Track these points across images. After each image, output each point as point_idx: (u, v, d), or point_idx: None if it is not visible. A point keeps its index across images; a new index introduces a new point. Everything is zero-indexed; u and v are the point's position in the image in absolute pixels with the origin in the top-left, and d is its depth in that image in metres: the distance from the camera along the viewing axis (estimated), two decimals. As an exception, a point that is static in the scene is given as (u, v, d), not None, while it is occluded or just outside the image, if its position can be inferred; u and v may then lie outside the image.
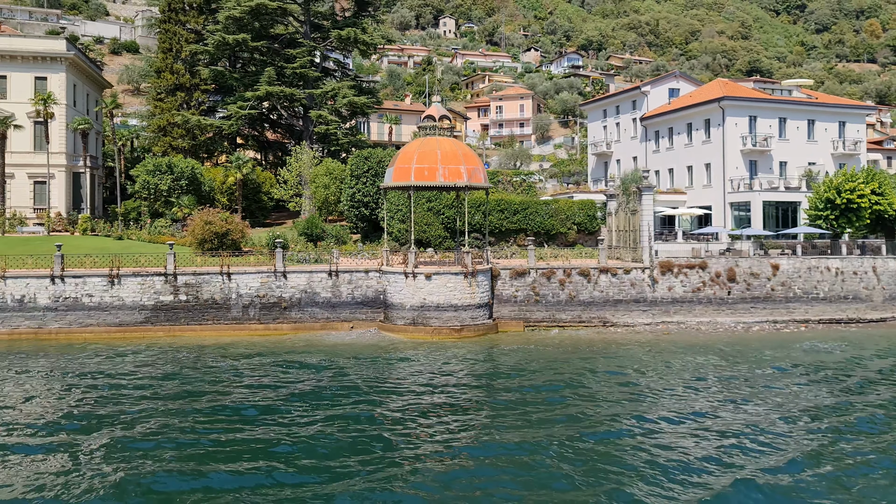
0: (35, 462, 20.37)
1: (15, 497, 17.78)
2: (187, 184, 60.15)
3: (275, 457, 20.56)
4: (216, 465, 19.90)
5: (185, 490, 18.28)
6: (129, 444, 21.58)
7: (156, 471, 19.46)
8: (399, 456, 20.74)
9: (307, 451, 20.98)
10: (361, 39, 67.41)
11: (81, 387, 28.96)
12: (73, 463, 20.15)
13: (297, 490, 18.31)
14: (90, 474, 19.16)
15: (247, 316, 42.87)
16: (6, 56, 62.88)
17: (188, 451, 21.11)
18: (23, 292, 41.76)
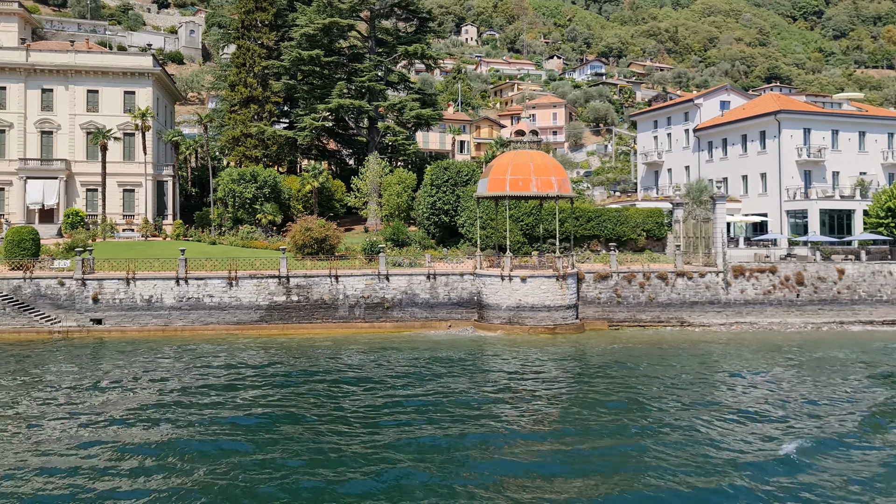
0: (172, 442, 23.29)
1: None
2: (269, 192, 63.90)
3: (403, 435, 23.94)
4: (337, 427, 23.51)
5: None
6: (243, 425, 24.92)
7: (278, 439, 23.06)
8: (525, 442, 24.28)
9: (436, 448, 22.86)
10: (428, 54, 71.15)
11: (209, 377, 32.41)
12: (201, 444, 23.04)
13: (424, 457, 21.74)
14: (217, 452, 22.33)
15: (353, 315, 46.54)
16: (98, 72, 66.84)
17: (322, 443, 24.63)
18: (151, 293, 45.56)
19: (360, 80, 71.12)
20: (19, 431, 24.38)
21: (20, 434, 24.07)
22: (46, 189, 64.37)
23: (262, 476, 19.94)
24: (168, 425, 24.77)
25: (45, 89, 66.19)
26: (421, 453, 21.94)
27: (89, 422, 25.32)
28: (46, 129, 66.27)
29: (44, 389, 30.31)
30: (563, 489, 19.14)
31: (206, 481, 19.63)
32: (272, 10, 75.03)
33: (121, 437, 23.45)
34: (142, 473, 20.30)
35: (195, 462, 21.15)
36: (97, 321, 45.14)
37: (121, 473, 20.25)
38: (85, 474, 20.18)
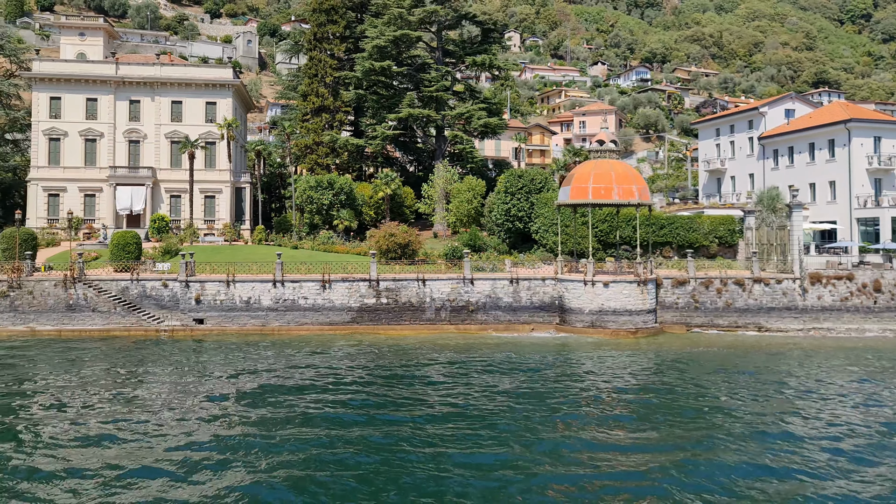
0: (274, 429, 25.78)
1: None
2: (345, 199, 66.37)
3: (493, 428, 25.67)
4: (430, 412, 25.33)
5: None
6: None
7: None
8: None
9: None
10: (496, 65, 73.14)
11: (306, 374, 34.52)
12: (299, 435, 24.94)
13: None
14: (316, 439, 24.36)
15: (439, 317, 48.55)
16: (182, 84, 70.14)
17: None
18: (249, 294, 48.16)
19: (429, 90, 73.31)
20: (139, 417, 26.85)
21: (138, 420, 26.52)
22: (134, 195, 67.72)
23: (366, 469, 21.40)
24: (266, 418, 26.67)
25: (132, 100, 69.67)
26: (522, 453, 22.99)
27: (199, 410, 27.77)
28: (134, 138, 69.73)
29: (161, 381, 32.89)
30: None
31: (303, 468, 21.52)
32: (342, 23, 77.70)
33: (224, 430, 25.52)
34: (246, 459, 22.32)
35: (290, 453, 22.81)
36: (199, 321, 47.87)
37: (225, 463, 22.09)
38: (198, 453, 22.70)
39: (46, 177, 67.90)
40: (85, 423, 26.21)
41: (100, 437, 24.35)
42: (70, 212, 57.52)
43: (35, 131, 68.16)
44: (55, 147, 68.38)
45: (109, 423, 26.12)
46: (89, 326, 47.11)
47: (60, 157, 68.38)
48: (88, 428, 25.53)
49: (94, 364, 37.11)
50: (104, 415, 27.25)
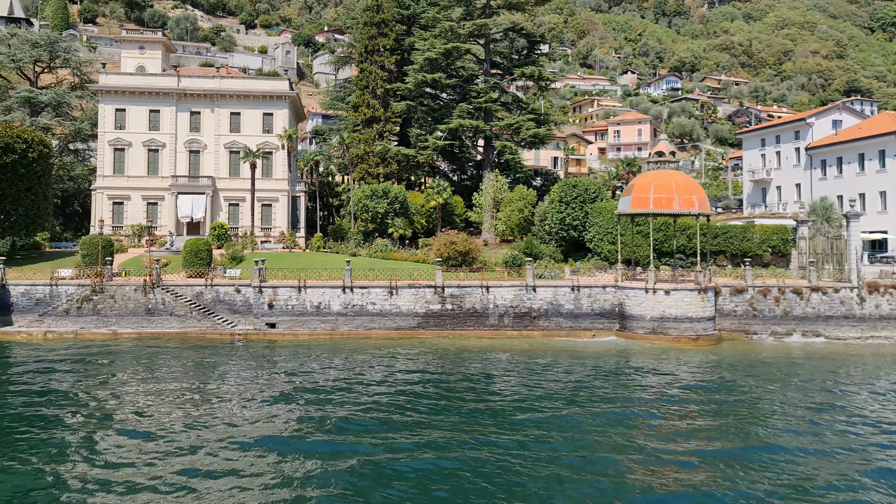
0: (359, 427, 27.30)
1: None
2: (399, 207, 68.11)
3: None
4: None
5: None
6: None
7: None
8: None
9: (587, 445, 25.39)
10: (545, 76, 74.69)
11: (379, 376, 36.20)
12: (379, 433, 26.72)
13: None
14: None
15: (502, 323, 50.00)
16: (241, 96, 72.45)
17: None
18: (319, 300, 49.95)
19: (477, 101, 74.98)
20: (216, 416, 28.66)
21: (215, 417, 28.29)
22: (195, 204, 69.99)
23: (432, 466, 22.63)
24: (335, 416, 28.20)
25: (193, 112, 72.07)
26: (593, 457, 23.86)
27: (277, 410, 29.46)
28: (194, 148, 72.10)
29: (240, 382, 34.66)
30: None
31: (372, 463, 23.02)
32: (392, 36, 79.64)
33: (293, 425, 27.28)
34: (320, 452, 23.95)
35: (357, 449, 24.39)
36: (271, 325, 49.73)
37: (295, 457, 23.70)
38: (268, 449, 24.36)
39: (111, 185, 70.41)
40: (163, 420, 28.06)
41: (177, 434, 25.95)
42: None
43: (101, 142, 70.76)
44: (120, 157, 70.95)
45: (187, 420, 27.81)
46: (167, 329, 49.16)
47: (125, 166, 70.92)
48: (166, 425, 27.24)
49: (174, 366, 39.06)
50: (183, 413, 29.01)
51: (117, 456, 23.68)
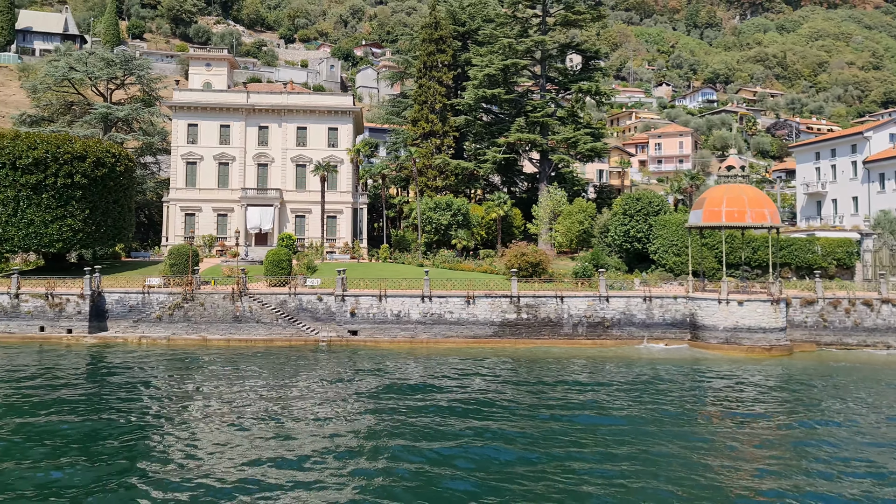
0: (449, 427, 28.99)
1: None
2: (462, 219, 69.97)
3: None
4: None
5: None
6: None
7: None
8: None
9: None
10: (602, 91, 76.34)
11: (459, 381, 37.81)
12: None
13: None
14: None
15: (576, 332, 51.46)
16: (307, 111, 74.98)
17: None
18: (399, 308, 51.84)
19: (535, 115, 76.78)
20: (306, 417, 30.51)
21: (305, 420, 30.07)
22: (263, 215, 72.47)
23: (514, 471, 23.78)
24: (416, 419, 29.72)
25: (261, 127, 74.76)
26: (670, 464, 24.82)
27: (362, 412, 31.16)
28: (262, 161, 74.71)
29: (328, 386, 36.48)
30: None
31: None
32: (450, 52, 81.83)
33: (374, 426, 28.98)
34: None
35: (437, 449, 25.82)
36: (353, 332, 51.69)
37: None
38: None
39: (184, 197, 73.17)
40: (253, 416, 30.06)
41: (268, 435, 27.65)
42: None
43: (174, 155, 73.63)
44: (191, 170, 73.73)
45: (279, 419, 29.70)
46: (254, 336, 51.33)
47: (196, 179, 73.68)
48: (256, 421, 29.24)
49: (266, 369, 41.01)
50: (273, 411, 30.95)
51: (210, 450, 25.60)
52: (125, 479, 22.67)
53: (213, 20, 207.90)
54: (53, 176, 55.33)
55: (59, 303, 51.87)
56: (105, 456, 25.02)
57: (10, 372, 39.26)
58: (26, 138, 55.98)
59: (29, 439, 26.60)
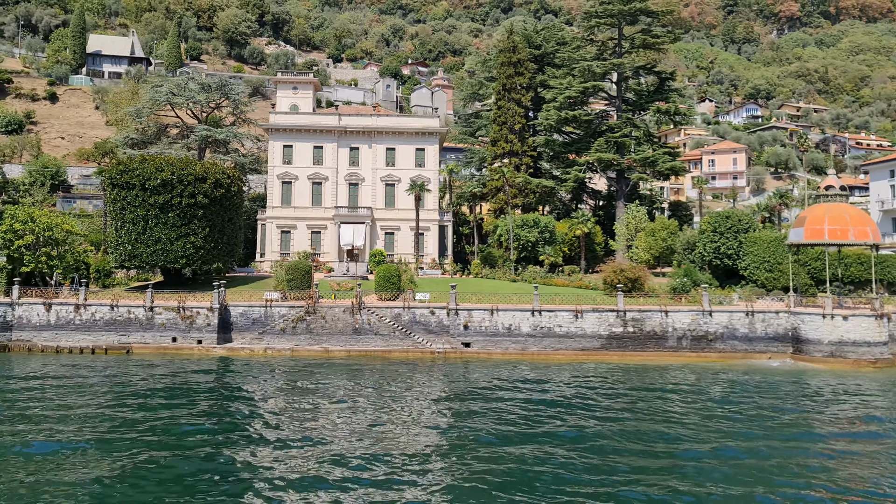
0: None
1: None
2: (549, 236, 72.56)
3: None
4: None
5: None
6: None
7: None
8: None
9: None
10: (680, 111, 78.75)
11: (573, 391, 40.13)
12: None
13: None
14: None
15: (680, 346, 53.65)
16: (395, 132, 78.32)
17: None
18: (510, 322, 54.46)
19: (613, 135, 79.36)
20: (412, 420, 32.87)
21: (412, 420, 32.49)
22: (356, 232, 75.68)
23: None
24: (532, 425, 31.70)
25: (352, 147, 78.22)
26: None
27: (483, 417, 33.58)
28: (353, 181, 78.10)
29: (450, 391, 38.99)
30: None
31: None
32: (527, 75, 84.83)
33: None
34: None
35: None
36: (466, 344, 54.37)
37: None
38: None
39: (280, 215, 76.73)
40: (380, 419, 32.62)
41: (395, 432, 30.06)
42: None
43: (270, 175, 77.31)
44: (287, 189, 77.33)
45: (403, 424, 31.86)
46: (373, 348, 54.24)
47: (291, 197, 77.22)
48: (384, 425, 31.72)
49: (392, 378, 43.68)
50: (397, 417, 33.34)
51: (335, 450, 27.79)
52: (278, 462, 25.49)
53: (265, 41, 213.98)
54: (178, 196, 58.96)
55: (190, 315, 55.29)
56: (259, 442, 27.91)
57: (189, 378, 42.52)
58: (153, 161, 59.76)
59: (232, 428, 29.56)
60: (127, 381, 41.42)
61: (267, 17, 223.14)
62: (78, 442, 28.08)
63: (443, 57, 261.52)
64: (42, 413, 32.95)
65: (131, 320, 55.27)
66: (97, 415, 32.80)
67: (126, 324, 55.19)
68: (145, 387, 39.84)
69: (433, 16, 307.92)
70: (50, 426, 30.53)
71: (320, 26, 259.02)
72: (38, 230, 57.87)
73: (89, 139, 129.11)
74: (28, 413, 32.94)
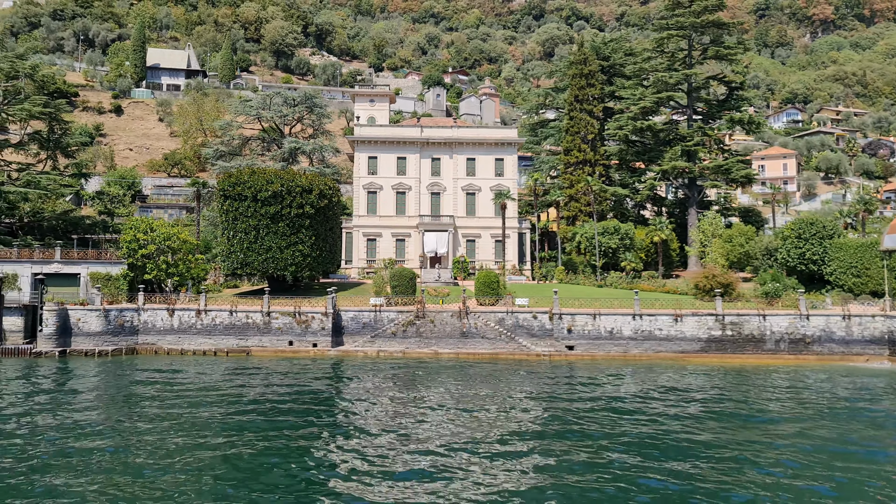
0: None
1: None
2: (629, 242, 74.84)
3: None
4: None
5: None
6: None
7: None
8: None
9: None
10: (754, 120, 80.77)
11: (672, 392, 42.32)
12: None
13: None
14: None
15: (778, 348, 55.69)
16: (475, 143, 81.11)
17: None
18: (612, 326, 56.87)
19: (687, 144, 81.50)
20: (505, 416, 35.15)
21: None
22: (439, 240, 78.50)
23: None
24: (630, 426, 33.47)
25: (434, 158, 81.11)
26: None
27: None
28: (435, 190, 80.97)
29: (560, 391, 41.32)
30: None
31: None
32: (598, 86, 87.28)
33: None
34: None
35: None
36: (570, 347, 56.84)
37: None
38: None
39: (366, 224, 79.79)
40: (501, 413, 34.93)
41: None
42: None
43: (356, 185, 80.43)
44: (372, 199, 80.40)
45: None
46: (480, 351, 56.87)
47: (377, 206, 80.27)
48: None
49: (510, 379, 46.04)
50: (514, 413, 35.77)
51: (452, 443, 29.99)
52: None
53: (309, 52, 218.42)
54: (288, 207, 62.13)
55: (306, 320, 58.35)
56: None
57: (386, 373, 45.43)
58: (263, 174, 63.00)
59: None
60: (271, 381, 44.39)
61: (310, 28, 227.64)
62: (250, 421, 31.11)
63: (479, 65, 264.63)
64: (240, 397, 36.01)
65: (249, 325, 58.47)
66: (264, 399, 35.82)
67: (244, 328, 58.40)
68: (292, 382, 42.89)
69: (465, 24, 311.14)
70: (239, 406, 33.56)
71: (356, 36, 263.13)
72: (158, 240, 61.29)
73: (156, 150, 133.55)
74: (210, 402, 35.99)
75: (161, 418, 33.78)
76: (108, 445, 28.91)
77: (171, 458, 27.20)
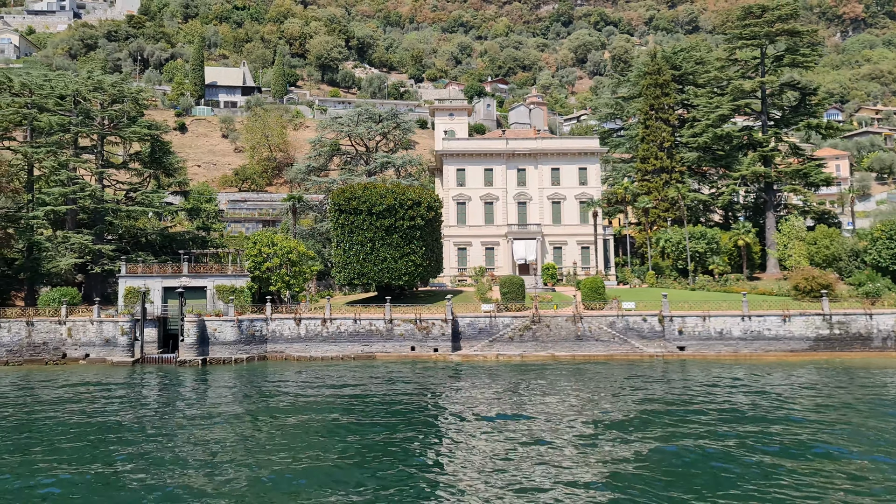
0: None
1: None
2: (716, 247, 77.36)
3: None
4: None
5: None
6: None
7: None
8: None
9: None
10: (831, 125, 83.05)
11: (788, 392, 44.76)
12: None
13: None
14: None
15: (885, 346, 57.97)
16: (558, 153, 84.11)
17: None
18: (721, 327, 59.44)
19: (765, 150, 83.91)
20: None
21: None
22: (527, 248, 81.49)
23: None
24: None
25: (519, 169, 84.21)
26: None
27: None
28: (521, 200, 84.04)
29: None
30: None
31: None
32: (672, 95, 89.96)
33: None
34: None
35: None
36: (681, 348, 59.49)
37: None
38: None
39: (456, 234, 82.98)
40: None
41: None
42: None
43: (446, 197, 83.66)
44: (461, 209, 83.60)
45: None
46: (594, 353, 59.69)
47: (466, 217, 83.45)
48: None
49: (631, 379, 48.59)
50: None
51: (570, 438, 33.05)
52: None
53: (352, 65, 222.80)
54: (401, 220, 65.44)
55: (426, 326, 61.53)
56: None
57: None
58: (375, 189, 66.39)
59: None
60: (408, 381, 47.54)
61: (352, 41, 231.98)
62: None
63: (513, 73, 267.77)
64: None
65: (372, 332, 61.76)
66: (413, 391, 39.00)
67: (367, 335, 61.68)
68: (434, 380, 46.05)
69: (494, 32, 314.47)
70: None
71: (390, 47, 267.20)
72: (280, 253, 64.86)
73: (223, 166, 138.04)
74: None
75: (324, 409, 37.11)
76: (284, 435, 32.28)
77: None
